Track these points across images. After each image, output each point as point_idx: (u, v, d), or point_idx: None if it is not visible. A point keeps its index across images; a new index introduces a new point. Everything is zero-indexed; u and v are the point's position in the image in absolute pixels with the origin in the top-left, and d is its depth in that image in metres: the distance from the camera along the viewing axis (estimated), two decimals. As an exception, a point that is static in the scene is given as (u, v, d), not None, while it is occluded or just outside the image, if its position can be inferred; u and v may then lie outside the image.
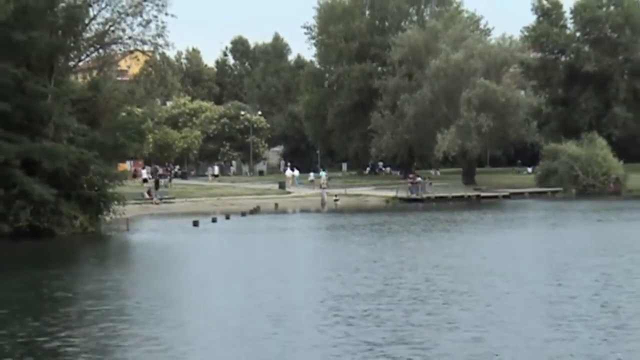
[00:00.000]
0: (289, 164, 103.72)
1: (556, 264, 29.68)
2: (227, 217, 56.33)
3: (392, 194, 75.82)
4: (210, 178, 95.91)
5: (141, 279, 29.62)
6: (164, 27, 48.75)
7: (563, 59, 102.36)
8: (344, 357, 15.37)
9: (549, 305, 20.52)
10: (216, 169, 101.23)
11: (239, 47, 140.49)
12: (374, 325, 18.14)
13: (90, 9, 48.46)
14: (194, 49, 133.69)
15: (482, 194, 76.69)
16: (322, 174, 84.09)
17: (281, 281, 26.95)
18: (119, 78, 55.38)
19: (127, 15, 48.59)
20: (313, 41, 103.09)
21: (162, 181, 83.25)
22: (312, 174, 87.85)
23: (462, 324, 18.06)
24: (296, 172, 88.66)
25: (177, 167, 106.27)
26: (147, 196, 69.32)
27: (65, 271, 30.90)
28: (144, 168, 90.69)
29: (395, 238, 41.35)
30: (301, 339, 17.41)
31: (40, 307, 22.30)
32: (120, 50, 51.53)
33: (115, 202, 48.91)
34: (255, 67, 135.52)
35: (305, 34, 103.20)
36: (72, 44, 48.79)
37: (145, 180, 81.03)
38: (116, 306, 21.91)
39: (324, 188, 76.90)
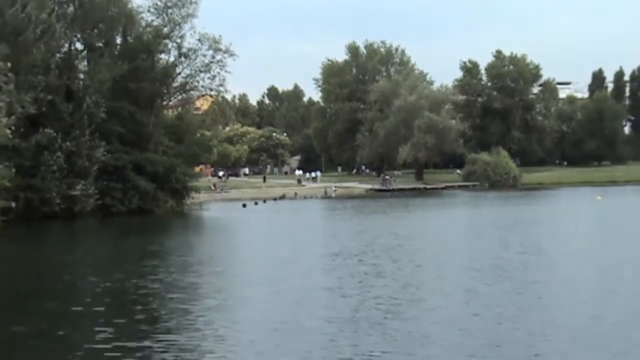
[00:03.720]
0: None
1: (472, 232, 29.81)
2: (264, 201, 56.54)
3: (370, 186, 75.90)
4: (242, 176, 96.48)
5: (207, 240, 29.61)
6: (224, 80, 48.71)
7: (480, 99, 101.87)
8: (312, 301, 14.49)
9: (470, 260, 20.01)
10: (246, 170, 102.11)
11: (272, 92, 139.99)
12: (347, 275, 17.62)
13: (177, 68, 48.69)
14: (243, 93, 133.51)
15: (428, 187, 76.68)
16: (315, 173, 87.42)
17: (294, 243, 26.74)
18: (195, 112, 55.36)
19: (200, 72, 48.63)
20: (319, 88, 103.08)
21: (225, 178, 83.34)
22: (307, 174, 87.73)
23: (401, 275, 17.59)
24: (301, 172, 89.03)
25: (245, 169, 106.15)
26: (213, 188, 69.58)
27: (158, 236, 30.91)
28: (221, 170, 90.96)
29: (371, 215, 41.39)
30: (292, 282, 16.87)
31: (132, 261, 21.42)
32: (196, 94, 51.59)
33: (193, 192, 49.19)
34: (282, 105, 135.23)
35: (314, 83, 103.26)
36: (165, 91, 48.93)
37: (220, 177, 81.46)
38: (185, 260, 21.31)
39: (317, 182, 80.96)
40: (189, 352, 10.33)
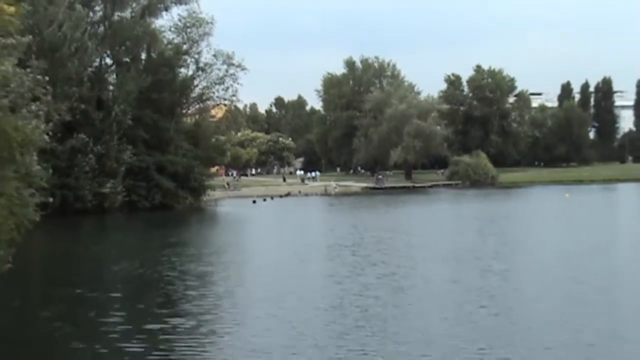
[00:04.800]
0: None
1: (454, 225, 29.53)
2: (272, 198, 56.28)
3: (365, 185, 75.53)
4: (249, 175, 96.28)
5: (220, 233, 29.42)
6: (236, 91, 48.36)
7: (462, 108, 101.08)
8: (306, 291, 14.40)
9: (452, 251, 19.69)
10: (253, 171, 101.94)
11: (279, 101, 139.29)
12: (341, 264, 17.55)
13: (195, 81, 48.52)
14: (253, 103, 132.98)
15: (416, 185, 76.28)
16: (315, 173, 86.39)
17: (296, 236, 26.59)
18: (211, 119, 55.10)
19: (215, 84, 48.33)
20: (320, 98, 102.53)
21: (237, 178, 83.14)
22: (307, 174, 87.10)
23: (386, 262, 17.38)
24: (302, 172, 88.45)
25: (257, 169, 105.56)
26: (226, 186, 69.29)
27: (178, 229, 30.71)
28: (233, 170, 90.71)
29: (366, 210, 41.23)
30: (293, 271, 16.91)
31: (153, 251, 21.12)
32: (211, 104, 51.23)
33: (209, 190, 48.93)
34: (287, 113, 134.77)
35: (316, 94, 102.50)
36: (184, 101, 48.67)
37: (233, 177, 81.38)
38: (200, 250, 21.09)
39: (316, 181, 79.41)
40: (200, 334, 10.28)
